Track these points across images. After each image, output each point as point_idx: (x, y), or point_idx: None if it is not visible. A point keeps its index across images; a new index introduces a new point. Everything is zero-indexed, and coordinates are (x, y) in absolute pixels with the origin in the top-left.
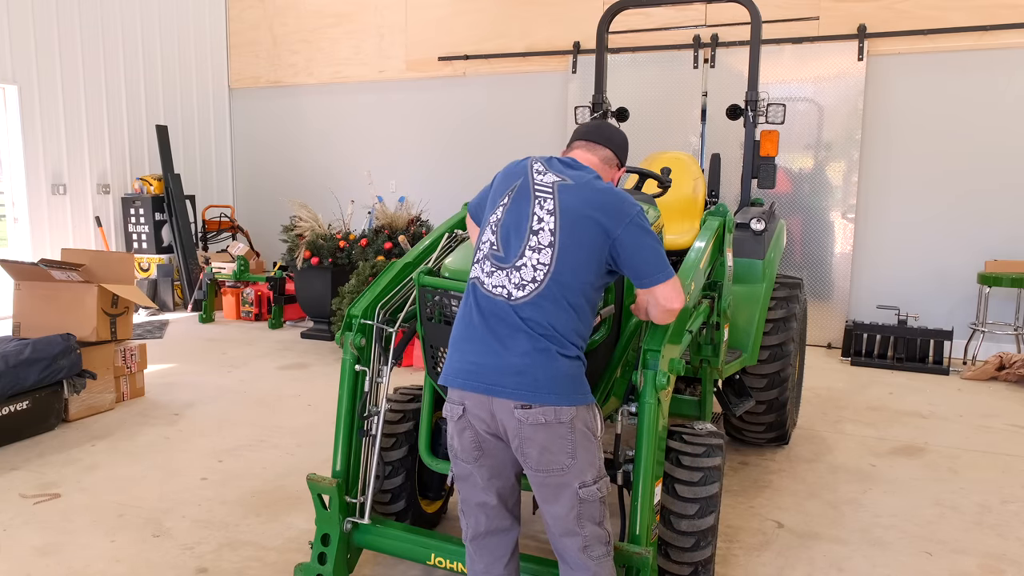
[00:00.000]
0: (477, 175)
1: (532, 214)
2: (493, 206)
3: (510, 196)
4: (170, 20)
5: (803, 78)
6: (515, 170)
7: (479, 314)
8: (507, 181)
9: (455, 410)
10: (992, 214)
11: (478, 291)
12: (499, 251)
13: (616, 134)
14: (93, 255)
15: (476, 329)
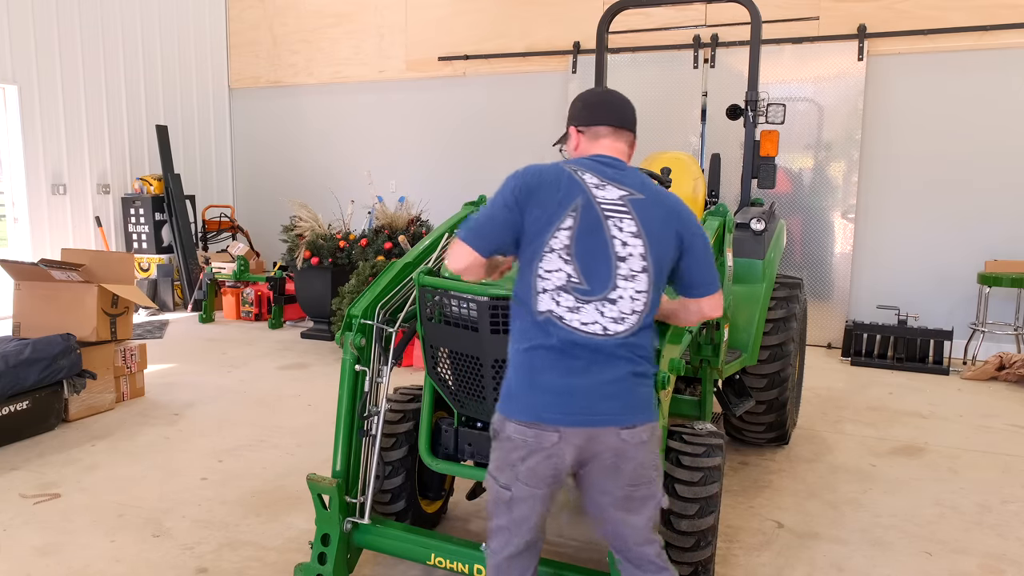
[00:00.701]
0: (477, 175)
1: (612, 239)
2: (547, 229)
3: (574, 218)
4: (170, 20)
5: (803, 78)
6: (558, 185)
7: (562, 350)
8: (554, 200)
9: (538, 442)
10: (992, 214)
11: (558, 328)
12: (582, 283)
13: (632, 111)
14: (93, 255)
15: (561, 363)
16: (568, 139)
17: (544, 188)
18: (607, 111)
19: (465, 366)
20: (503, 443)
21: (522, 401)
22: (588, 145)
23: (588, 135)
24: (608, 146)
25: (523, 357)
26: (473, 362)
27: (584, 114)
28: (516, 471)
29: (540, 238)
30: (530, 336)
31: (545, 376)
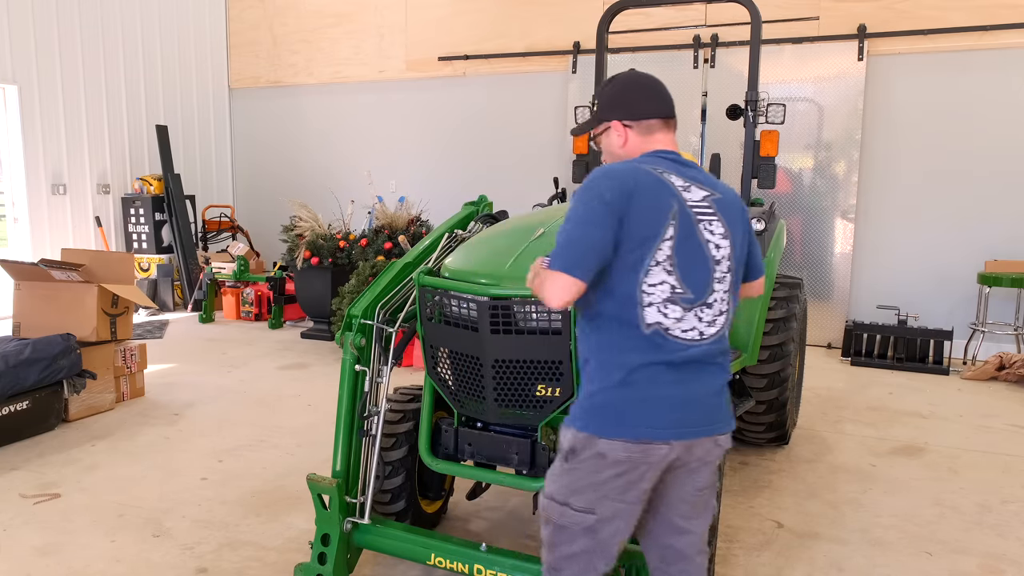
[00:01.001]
0: (477, 175)
1: (706, 242)
2: (651, 241)
3: (674, 227)
4: (170, 20)
5: (803, 78)
6: (654, 191)
7: (673, 363)
8: (653, 208)
9: (643, 457)
10: (992, 214)
11: (666, 340)
12: (686, 292)
13: (670, 96)
14: (93, 255)
15: (674, 376)
16: (608, 133)
17: (641, 195)
18: (658, 101)
19: (465, 366)
20: (587, 463)
21: (630, 418)
22: (641, 141)
23: (638, 129)
24: (663, 140)
25: (628, 373)
26: (473, 362)
27: (631, 106)
28: (605, 490)
29: (642, 250)
30: (637, 350)
31: (659, 391)
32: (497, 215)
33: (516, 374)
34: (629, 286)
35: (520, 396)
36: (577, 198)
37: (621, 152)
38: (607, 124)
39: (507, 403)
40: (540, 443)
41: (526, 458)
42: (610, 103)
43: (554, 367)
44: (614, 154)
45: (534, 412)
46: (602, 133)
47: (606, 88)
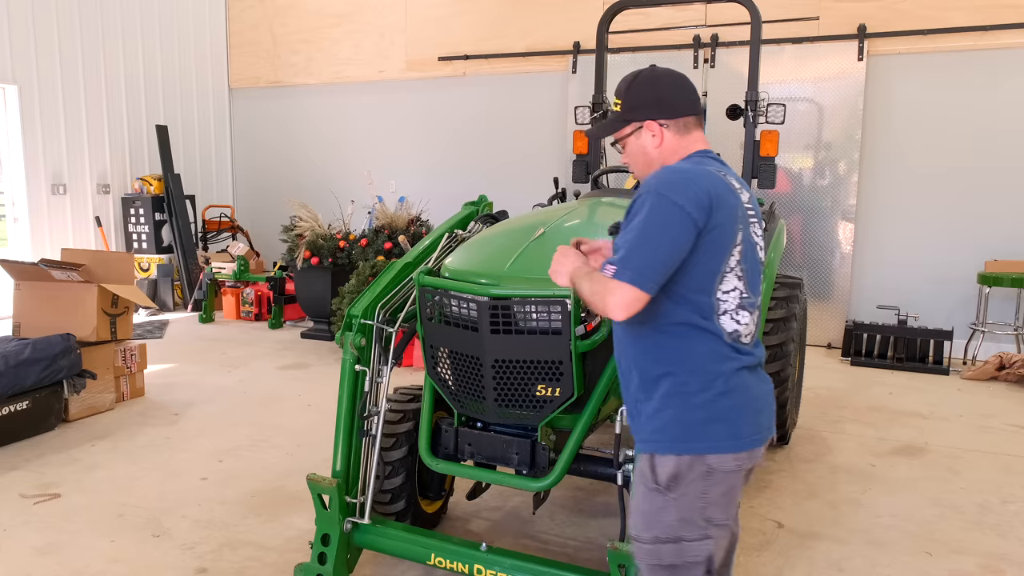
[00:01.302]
0: (477, 175)
1: (756, 244)
2: (727, 248)
3: (742, 232)
4: (170, 20)
5: (803, 78)
6: (727, 196)
7: (751, 367)
8: (729, 215)
9: (744, 466)
10: (992, 214)
11: (741, 346)
12: (749, 296)
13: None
14: (93, 255)
15: (754, 380)
16: (639, 134)
17: (719, 202)
18: (692, 97)
19: (465, 366)
20: (694, 485)
21: (739, 428)
22: (677, 141)
23: (675, 128)
24: (700, 139)
25: (726, 382)
26: (473, 362)
27: (667, 103)
28: (713, 510)
29: (720, 258)
30: (727, 359)
31: (751, 397)
32: (497, 215)
33: (516, 374)
34: (707, 295)
35: (520, 396)
36: (654, 203)
37: (655, 154)
38: (638, 124)
39: (507, 403)
40: (540, 443)
41: (526, 458)
42: (642, 101)
43: (554, 367)
44: (647, 156)
45: (534, 412)
46: (631, 134)
47: (634, 85)
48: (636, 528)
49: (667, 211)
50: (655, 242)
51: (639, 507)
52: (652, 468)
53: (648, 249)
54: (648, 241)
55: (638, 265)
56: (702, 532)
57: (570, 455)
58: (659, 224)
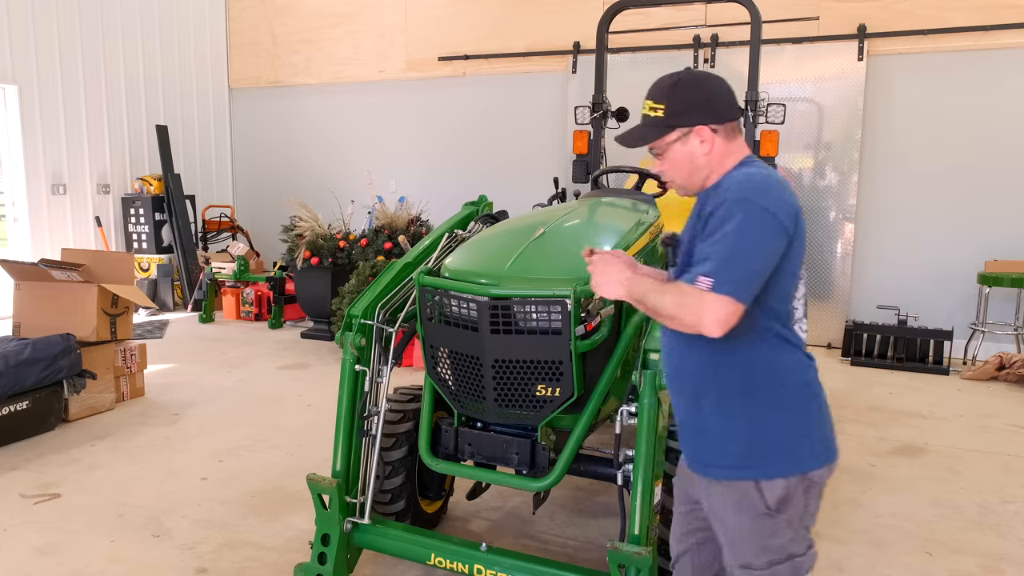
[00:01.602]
0: (477, 175)
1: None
2: (801, 256)
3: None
4: (170, 20)
5: (803, 78)
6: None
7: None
8: (803, 225)
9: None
10: (992, 214)
11: (811, 356)
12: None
13: None
14: (93, 255)
15: (823, 391)
16: (686, 141)
17: (800, 213)
18: (736, 102)
19: (465, 366)
20: (797, 502)
21: (832, 440)
22: (727, 146)
23: (724, 133)
24: (744, 145)
25: (814, 394)
26: (473, 362)
27: (717, 107)
28: (810, 519)
29: (798, 264)
30: (809, 368)
31: (825, 403)
32: (497, 215)
33: (516, 374)
34: (787, 302)
35: (520, 396)
36: (747, 210)
37: (703, 161)
38: (686, 129)
39: (507, 403)
40: (540, 443)
41: (526, 458)
42: (690, 105)
43: (554, 367)
44: (694, 163)
45: (534, 412)
46: (676, 141)
47: (679, 87)
48: (747, 556)
49: (761, 219)
50: (751, 251)
51: (749, 533)
52: (760, 493)
53: (744, 259)
54: (744, 251)
55: (735, 276)
56: (807, 543)
57: (570, 455)
58: (754, 232)
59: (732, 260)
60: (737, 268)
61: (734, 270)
